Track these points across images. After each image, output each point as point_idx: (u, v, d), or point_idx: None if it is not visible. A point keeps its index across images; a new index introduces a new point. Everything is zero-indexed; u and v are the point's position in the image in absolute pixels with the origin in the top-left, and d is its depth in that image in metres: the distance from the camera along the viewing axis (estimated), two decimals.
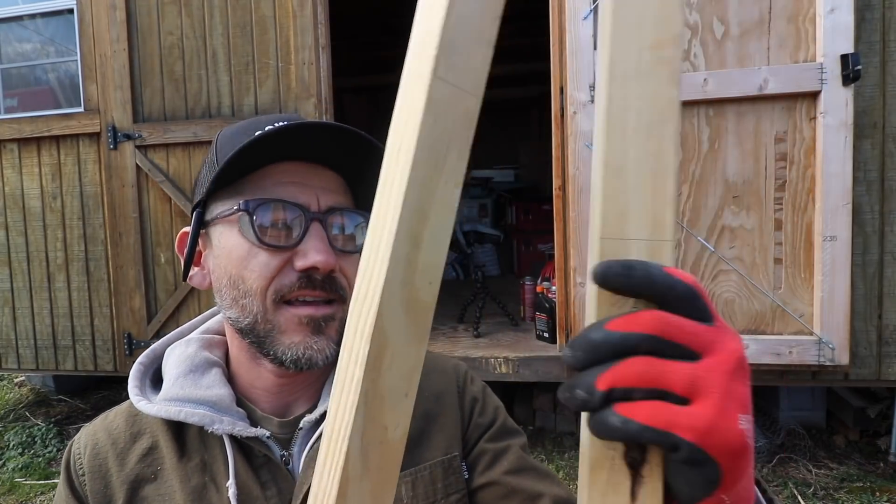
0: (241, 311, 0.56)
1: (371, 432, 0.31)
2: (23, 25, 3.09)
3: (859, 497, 2.25)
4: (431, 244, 0.31)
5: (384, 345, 0.30)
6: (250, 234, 0.54)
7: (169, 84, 2.86)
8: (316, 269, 0.54)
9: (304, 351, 0.55)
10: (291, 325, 0.55)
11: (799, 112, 2.17)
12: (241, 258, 0.55)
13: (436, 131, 0.29)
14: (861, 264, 2.25)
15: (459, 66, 0.29)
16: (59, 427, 3.20)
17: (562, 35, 2.37)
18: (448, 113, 0.29)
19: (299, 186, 0.56)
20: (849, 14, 2.06)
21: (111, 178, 2.91)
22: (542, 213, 5.27)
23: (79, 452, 0.61)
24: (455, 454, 0.64)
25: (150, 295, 2.94)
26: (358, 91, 6.24)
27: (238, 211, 0.55)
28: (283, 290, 0.54)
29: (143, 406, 0.58)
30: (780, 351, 2.19)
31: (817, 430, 2.78)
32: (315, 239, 0.54)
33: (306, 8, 2.70)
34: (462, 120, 0.30)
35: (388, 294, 0.29)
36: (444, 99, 0.29)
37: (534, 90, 5.68)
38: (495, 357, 2.64)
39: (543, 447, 2.76)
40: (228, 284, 0.56)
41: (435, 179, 0.30)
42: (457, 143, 0.30)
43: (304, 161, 0.57)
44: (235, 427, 0.56)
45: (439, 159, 0.29)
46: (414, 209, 0.29)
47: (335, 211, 0.57)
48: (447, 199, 0.30)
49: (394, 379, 0.31)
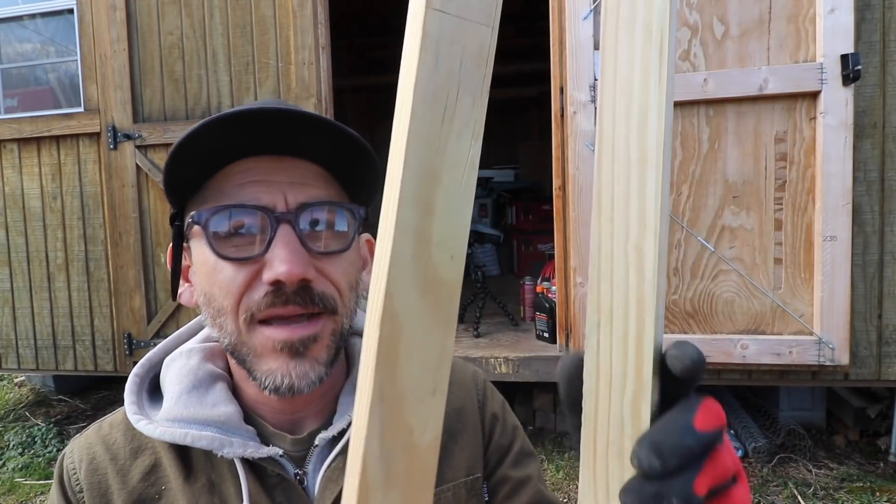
0: (219, 330, 0.51)
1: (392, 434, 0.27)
2: (23, 25, 3.09)
3: (859, 497, 2.25)
4: (447, 210, 0.26)
5: (398, 331, 0.26)
6: (209, 247, 0.49)
7: (169, 84, 2.86)
8: (282, 282, 0.47)
9: (282, 379, 0.49)
10: (266, 350, 0.49)
11: (799, 112, 2.17)
12: (209, 274, 0.50)
13: (439, 74, 0.25)
14: (861, 264, 2.25)
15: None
16: (59, 427, 3.20)
17: (562, 35, 2.37)
18: (452, 50, 0.25)
19: (262, 185, 0.49)
20: (849, 14, 2.06)
21: (111, 178, 2.91)
22: (542, 213, 5.27)
23: (73, 466, 0.56)
24: (478, 475, 0.61)
25: (150, 295, 2.94)
26: (358, 91, 6.24)
27: (192, 223, 0.49)
28: (253, 308, 0.48)
29: (143, 427, 0.53)
30: (780, 351, 2.19)
31: (817, 430, 2.78)
32: (280, 245, 0.47)
33: (306, 8, 2.70)
34: (473, 57, 0.26)
35: (397, 271, 0.25)
36: (445, 34, 0.25)
37: (534, 90, 5.68)
38: (495, 357, 2.64)
39: (543, 447, 2.76)
40: (204, 302, 0.52)
41: (443, 132, 0.25)
42: (468, 85, 0.26)
43: (271, 155, 0.50)
44: (247, 449, 0.52)
45: (447, 107, 0.25)
46: (419, 169, 0.25)
47: (308, 207, 0.49)
48: (461, 154, 0.26)
49: (414, 372, 0.27)
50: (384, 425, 0.27)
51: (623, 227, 0.27)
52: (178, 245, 0.54)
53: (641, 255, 0.27)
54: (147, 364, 0.60)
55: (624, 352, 0.27)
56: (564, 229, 2.44)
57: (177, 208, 0.54)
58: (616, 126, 0.28)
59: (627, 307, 0.27)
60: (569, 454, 2.69)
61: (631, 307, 0.27)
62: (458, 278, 0.27)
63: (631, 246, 0.27)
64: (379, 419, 0.26)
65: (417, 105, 0.24)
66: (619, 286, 0.27)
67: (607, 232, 0.28)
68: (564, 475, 2.52)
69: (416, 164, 0.25)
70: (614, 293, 0.28)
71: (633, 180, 0.27)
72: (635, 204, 0.27)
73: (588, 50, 2.27)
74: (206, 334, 0.62)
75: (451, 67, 0.25)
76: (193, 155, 0.49)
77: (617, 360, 0.28)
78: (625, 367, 0.27)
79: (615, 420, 0.28)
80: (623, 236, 0.27)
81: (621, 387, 0.27)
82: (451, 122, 0.25)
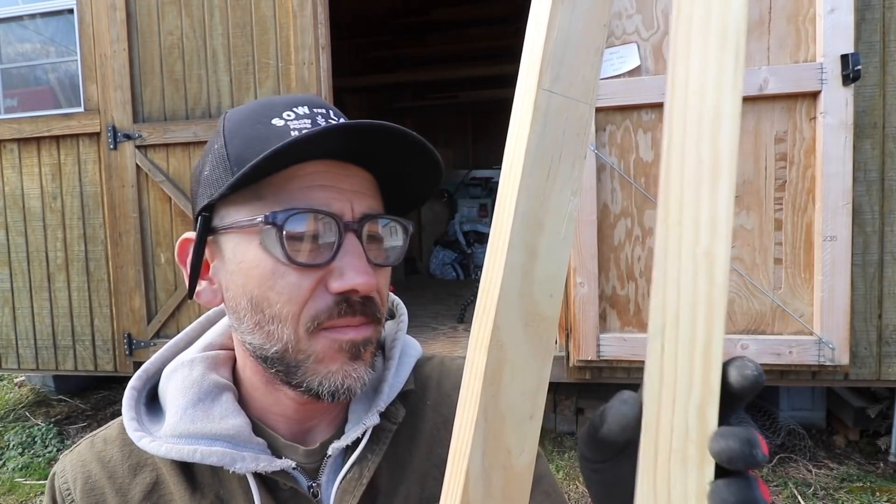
0: (266, 337, 0.48)
1: (492, 453, 0.29)
2: (23, 25, 3.09)
3: (859, 497, 2.25)
4: (548, 254, 0.30)
5: (502, 359, 0.29)
6: (277, 250, 0.45)
7: (169, 84, 2.86)
8: (356, 292, 0.46)
9: (342, 380, 0.47)
10: (330, 352, 0.47)
11: (799, 112, 2.17)
12: (264, 277, 0.47)
13: (545, 140, 0.29)
14: (861, 264, 2.25)
15: (566, 77, 0.29)
16: (59, 427, 3.20)
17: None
18: (557, 122, 0.29)
19: (331, 191, 0.47)
20: (849, 14, 2.06)
21: (111, 178, 2.91)
22: None
23: (67, 486, 0.53)
24: None
25: (150, 295, 2.94)
26: (358, 91, 6.24)
27: (262, 223, 0.46)
28: (321, 318, 0.46)
29: (146, 445, 0.50)
30: (780, 351, 2.19)
31: (817, 430, 2.78)
32: (352, 255, 0.46)
33: (306, 8, 2.70)
34: (573, 128, 0.30)
35: (505, 305, 0.29)
36: (552, 109, 0.29)
37: None
38: None
39: (543, 447, 2.76)
40: (249, 308, 0.48)
41: (547, 188, 0.29)
42: (569, 151, 0.30)
43: (333, 160, 0.49)
44: (259, 463, 0.49)
45: (551, 167, 0.29)
46: (526, 218, 0.29)
47: (369, 218, 0.48)
48: (562, 207, 0.30)
49: (515, 396, 0.29)
50: (486, 444, 0.29)
51: (692, 232, 0.28)
52: (203, 238, 0.50)
53: (713, 261, 0.28)
54: (144, 375, 0.57)
55: (691, 357, 0.28)
56: None
57: (211, 201, 0.49)
58: (687, 130, 0.28)
59: (696, 312, 0.28)
60: (569, 454, 2.69)
61: (700, 312, 0.28)
62: (555, 314, 0.30)
63: (701, 251, 0.28)
64: (482, 438, 0.29)
65: (527, 164, 0.29)
66: (686, 291, 0.28)
67: (675, 236, 0.28)
68: (564, 475, 2.52)
69: (524, 214, 0.29)
70: (681, 298, 0.28)
71: (705, 186, 0.28)
72: (706, 210, 0.28)
73: None
74: (206, 342, 0.59)
75: (556, 135, 0.29)
76: (266, 168, 0.45)
77: (683, 366, 0.28)
78: (691, 373, 0.28)
79: (679, 426, 0.28)
80: (692, 241, 0.28)
81: (687, 392, 0.28)
82: (555, 180, 0.29)
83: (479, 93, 6.15)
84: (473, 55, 6.09)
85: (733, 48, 0.27)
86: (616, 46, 2.29)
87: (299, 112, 0.49)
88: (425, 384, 0.62)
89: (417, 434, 0.58)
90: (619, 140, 2.31)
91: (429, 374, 0.63)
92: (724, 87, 0.27)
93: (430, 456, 0.57)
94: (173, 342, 0.60)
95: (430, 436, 0.59)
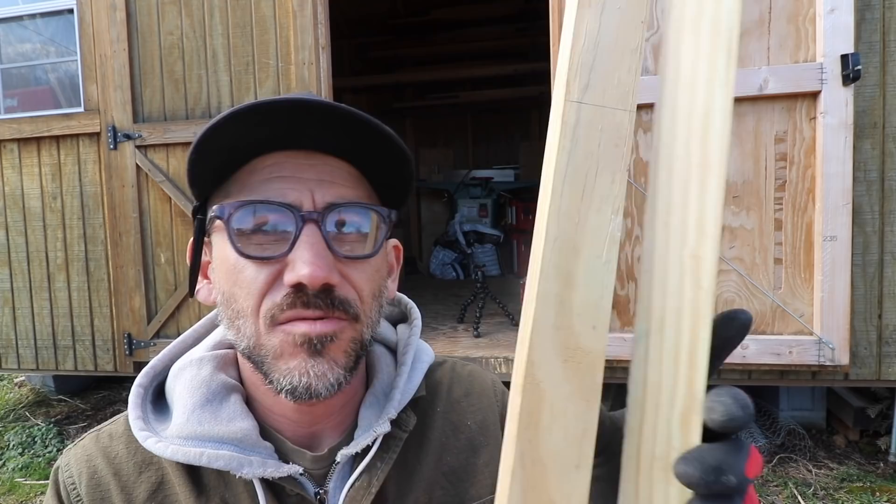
0: (237, 332, 0.48)
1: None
2: (23, 25, 3.09)
3: (859, 497, 2.25)
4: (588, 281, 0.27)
5: (540, 398, 0.26)
6: (230, 244, 0.46)
7: (169, 84, 2.86)
8: (304, 285, 0.44)
9: (299, 378, 0.45)
10: (286, 346, 0.46)
11: (799, 112, 2.17)
12: (230, 272, 0.47)
13: (577, 156, 0.27)
14: (861, 264, 2.25)
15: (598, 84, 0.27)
16: (59, 427, 3.20)
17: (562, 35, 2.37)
18: (591, 134, 0.27)
19: (289, 181, 0.47)
20: (849, 14, 2.06)
21: (111, 178, 2.91)
22: None
23: (72, 481, 0.52)
24: None
25: (150, 295, 2.94)
26: (358, 91, 6.24)
27: (215, 218, 0.46)
28: (275, 311, 0.45)
29: (152, 446, 0.49)
30: (780, 351, 2.19)
31: (817, 430, 2.78)
32: (304, 247, 0.44)
33: (306, 8, 2.70)
34: (611, 139, 0.27)
35: (539, 339, 0.26)
36: (583, 121, 0.27)
37: (534, 90, 5.68)
38: (495, 357, 2.64)
39: None
40: (223, 302, 0.48)
41: (583, 208, 0.27)
42: (607, 164, 0.27)
43: (301, 150, 0.48)
44: (267, 468, 0.48)
45: (586, 185, 0.27)
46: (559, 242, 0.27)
47: (336, 207, 0.47)
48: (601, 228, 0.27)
49: (557, 442, 0.27)
50: (525, 495, 0.26)
51: (680, 234, 0.27)
52: (200, 239, 0.51)
53: (699, 263, 0.26)
54: (151, 373, 0.56)
55: (675, 363, 0.27)
56: None
57: (200, 200, 0.50)
58: (676, 129, 0.27)
59: (681, 316, 0.26)
60: None
61: (685, 317, 0.26)
62: (601, 348, 0.27)
63: (688, 253, 0.26)
64: (520, 487, 0.26)
65: (557, 184, 0.27)
66: (672, 294, 0.27)
67: (662, 238, 0.27)
68: None
69: (556, 237, 0.27)
70: (667, 301, 0.27)
71: (693, 185, 0.27)
72: (694, 210, 0.26)
73: None
74: (214, 340, 0.58)
75: (590, 149, 0.27)
76: (220, 146, 0.46)
77: (667, 371, 0.27)
78: (675, 380, 0.27)
79: (662, 434, 0.27)
80: (679, 243, 0.27)
81: (670, 400, 0.27)
82: (591, 198, 0.27)
83: (479, 93, 6.16)
84: (474, 55, 6.09)
85: (725, 44, 0.26)
86: None
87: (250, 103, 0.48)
88: (436, 390, 0.61)
89: (426, 441, 0.58)
90: None
91: (440, 379, 0.62)
92: (714, 84, 0.26)
93: (439, 464, 0.57)
94: (181, 339, 0.59)
95: (440, 443, 0.58)
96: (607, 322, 0.28)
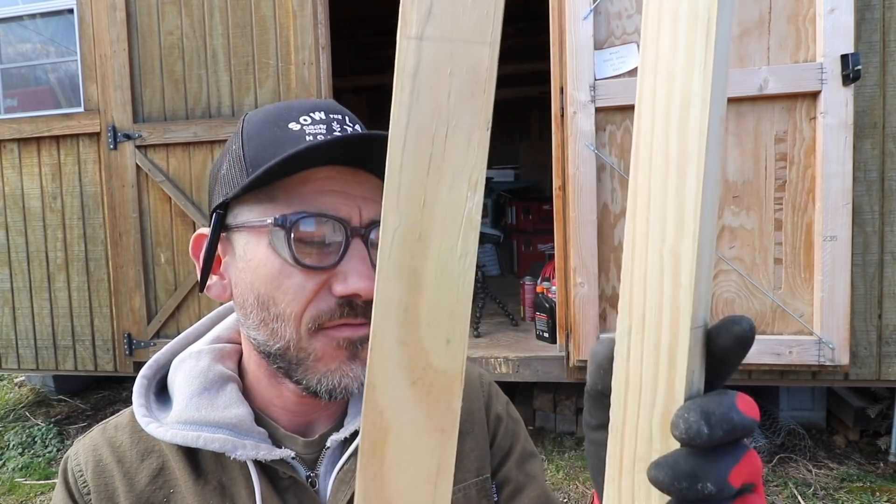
0: (270, 334, 0.50)
1: None
2: (23, 25, 3.09)
3: (859, 497, 2.25)
4: (440, 281, 0.22)
5: (384, 430, 0.22)
6: (285, 251, 0.47)
7: (169, 84, 2.86)
8: (358, 296, 0.48)
9: (339, 379, 0.49)
10: (328, 349, 0.49)
11: (799, 112, 2.17)
12: (272, 277, 0.48)
13: (419, 113, 0.21)
14: (861, 264, 2.25)
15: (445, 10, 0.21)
16: (59, 427, 3.20)
17: (562, 35, 2.37)
18: (437, 81, 0.21)
19: (341, 196, 0.49)
20: (849, 14, 2.06)
21: (111, 178, 2.91)
22: (542, 213, 5.27)
23: (79, 468, 0.55)
24: (486, 476, 0.62)
25: (150, 295, 2.94)
26: (358, 91, 6.24)
27: (272, 224, 0.48)
28: (322, 318, 0.48)
29: (153, 430, 0.52)
30: (780, 351, 2.19)
31: (817, 430, 2.78)
32: (356, 260, 0.48)
33: (306, 8, 2.70)
34: (466, 86, 0.21)
35: (381, 356, 0.22)
36: (425, 63, 0.21)
37: (534, 90, 5.68)
38: (495, 357, 2.64)
39: (543, 447, 2.76)
40: (256, 304, 0.50)
41: (429, 184, 0.21)
42: (462, 122, 0.21)
43: (347, 166, 0.50)
44: (259, 451, 0.51)
45: (433, 153, 0.21)
46: (401, 232, 0.21)
47: (377, 224, 0.48)
48: (455, 210, 0.21)
49: (405, 481, 0.22)
50: None
51: (659, 229, 0.25)
52: (216, 235, 0.52)
53: (678, 260, 0.25)
54: (154, 366, 0.60)
55: (655, 363, 0.26)
56: (564, 229, 2.44)
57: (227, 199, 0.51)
58: (655, 119, 0.25)
59: (661, 316, 0.25)
60: (569, 454, 2.69)
61: (665, 316, 0.25)
62: (457, 366, 0.23)
63: (667, 249, 0.25)
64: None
65: (395, 154, 0.20)
66: (652, 292, 0.26)
67: (641, 233, 0.26)
68: (564, 475, 2.52)
69: (396, 227, 0.21)
70: (647, 299, 0.26)
71: (672, 178, 0.25)
72: (673, 204, 0.25)
73: (588, 50, 2.27)
74: (214, 335, 0.61)
75: (437, 102, 0.21)
76: (279, 172, 0.47)
77: (648, 371, 0.26)
78: (656, 380, 0.26)
79: (643, 434, 0.26)
80: (659, 238, 0.25)
81: (651, 400, 0.26)
82: (440, 171, 0.21)
83: None
84: None
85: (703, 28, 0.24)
86: (616, 46, 2.29)
87: (315, 117, 0.51)
88: None
89: None
90: (619, 140, 2.31)
91: None
92: (693, 70, 0.24)
93: None
94: (183, 335, 0.63)
95: None
96: (466, 332, 0.23)
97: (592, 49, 2.26)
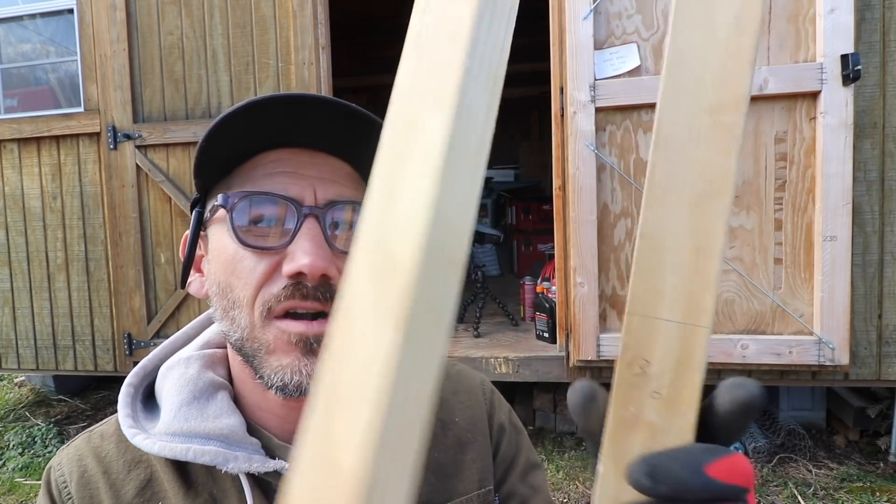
0: (230, 323, 0.48)
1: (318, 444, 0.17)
2: (23, 25, 3.09)
3: (859, 497, 2.25)
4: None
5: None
6: (232, 233, 0.47)
7: (169, 84, 2.86)
8: (303, 275, 0.45)
9: (291, 375, 0.46)
10: (280, 343, 0.46)
11: (799, 112, 2.17)
12: (228, 262, 0.48)
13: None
14: (861, 264, 2.25)
15: None
16: (59, 427, 3.20)
17: (562, 35, 2.37)
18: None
19: (292, 177, 0.48)
20: (849, 14, 2.06)
21: (111, 178, 2.91)
22: (542, 213, 5.27)
23: (63, 479, 0.53)
24: (489, 488, 0.60)
25: (150, 295, 2.94)
26: (358, 91, 6.24)
27: (218, 207, 0.48)
28: (271, 301, 0.46)
29: (140, 442, 0.49)
30: (780, 351, 2.19)
31: (817, 430, 2.78)
32: (304, 238, 0.46)
33: (306, 8, 2.70)
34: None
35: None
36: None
37: (534, 90, 5.68)
38: (495, 357, 2.64)
39: (543, 447, 2.76)
40: (218, 293, 0.49)
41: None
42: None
43: (304, 148, 0.49)
44: (252, 463, 0.49)
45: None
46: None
47: (336, 205, 0.48)
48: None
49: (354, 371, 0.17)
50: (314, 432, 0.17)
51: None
52: (196, 232, 0.52)
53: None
54: (141, 372, 0.57)
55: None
56: (564, 229, 2.44)
57: (201, 193, 0.52)
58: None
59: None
60: (569, 454, 2.69)
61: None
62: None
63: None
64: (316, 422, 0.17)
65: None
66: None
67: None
68: (564, 475, 2.52)
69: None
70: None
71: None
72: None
73: (588, 50, 2.27)
74: (204, 340, 0.59)
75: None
76: (228, 139, 0.47)
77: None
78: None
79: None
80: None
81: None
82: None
83: None
84: None
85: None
86: (616, 46, 2.29)
87: (262, 96, 0.50)
88: None
89: None
90: (619, 140, 2.31)
91: None
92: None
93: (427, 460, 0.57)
94: (171, 340, 0.60)
95: (427, 439, 0.58)
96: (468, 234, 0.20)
97: (592, 49, 2.26)
